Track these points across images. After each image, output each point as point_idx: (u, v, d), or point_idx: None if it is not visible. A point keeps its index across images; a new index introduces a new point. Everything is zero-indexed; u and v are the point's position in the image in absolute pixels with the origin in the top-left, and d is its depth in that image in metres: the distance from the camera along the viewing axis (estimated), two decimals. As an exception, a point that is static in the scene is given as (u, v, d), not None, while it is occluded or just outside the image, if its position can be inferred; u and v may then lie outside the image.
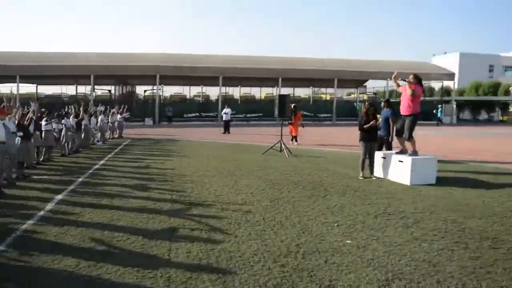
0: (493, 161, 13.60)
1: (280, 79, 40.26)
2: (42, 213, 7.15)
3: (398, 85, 10.16)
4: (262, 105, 46.49)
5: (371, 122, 10.12)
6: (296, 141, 18.78)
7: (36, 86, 43.92)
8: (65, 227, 6.31)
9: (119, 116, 23.08)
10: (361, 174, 10.15)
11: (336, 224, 6.21)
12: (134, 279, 4.51)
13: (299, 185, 9.21)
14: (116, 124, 22.54)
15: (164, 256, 5.10)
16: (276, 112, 15.55)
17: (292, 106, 18.33)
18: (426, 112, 35.37)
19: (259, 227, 6.15)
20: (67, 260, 5.01)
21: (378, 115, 10.72)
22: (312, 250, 5.10)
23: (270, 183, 9.38)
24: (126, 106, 25.60)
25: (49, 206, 7.61)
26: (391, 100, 12.59)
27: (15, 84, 36.20)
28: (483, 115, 55.07)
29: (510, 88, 54.38)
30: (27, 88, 42.11)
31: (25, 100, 15.13)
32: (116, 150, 16.37)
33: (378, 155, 10.39)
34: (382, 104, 11.32)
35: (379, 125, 10.65)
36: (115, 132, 22.59)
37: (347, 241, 5.42)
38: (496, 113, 53.78)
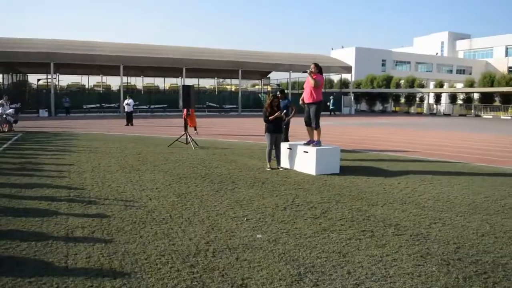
0: (391, 149, 14.49)
1: (184, 69, 39.58)
2: None
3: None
4: (167, 96, 45.46)
5: (276, 114, 10.20)
6: (195, 130, 19.35)
7: None
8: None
9: (8, 107, 21.07)
10: (268, 166, 10.20)
11: (245, 219, 6.10)
12: (25, 293, 4.02)
13: (206, 178, 9.01)
14: (5, 116, 20.56)
15: (61, 264, 4.62)
16: (181, 103, 15.16)
17: None
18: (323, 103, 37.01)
19: (166, 225, 5.85)
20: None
21: None
22: (223, 247, 4.93)
23: (177, 177, 9.05)
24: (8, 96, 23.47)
25: None
26: (293, 92, 12.98)
27: None
28: (378, 106, 59.01)
29: (401, 81, 58.89)
30: None
31: None
32: (5, 145, 14.90)
33: (284, 146, 10.52)
34: (278, 95, 11.55)
35: (284, 116, 10.79)
36: (4, 126, 20.61)
37: (258, 236, 5.33)
38: (389, 104, 57.91)
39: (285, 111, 10.73)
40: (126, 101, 25.04)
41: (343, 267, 4.35)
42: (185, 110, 17.59)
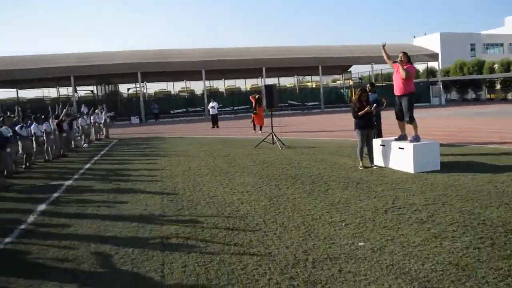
0: (494, 141, 13.20)
1: (264, 69, 39.65)
2: (23, 226, 6.57)
3: (388, 56, 9.79)
4: (248, 97, 45.85)
5: (366, 109, 9.61)
6: (261, 130, 19.25)
7: (17, 91, 42.78)
8: (48, 242, 5.75)
9: (103, 116, 22.33)
10: (360, 164, 9.65)
11: (343, 224, 5.68)
12: (123, 304, 3.96)
13: (297, 179, 8.68)
14: (101, 124, 21.80)
15: (158, 273, 4.54)
16: (264, 103, 14.99)
17: (257, 97, 18.83)
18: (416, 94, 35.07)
19: (260, 231, 5.61)
20: (47, 285, 4.45)
21: None
22: (323, 257, 4.56)
23: (267, 179, 8.83)
24: (105, 106, 24.91)
25: (30, 218, 7.03)
26: (377, 84, 12.33)
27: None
28: (471, 94, 55.01)
29: (495, 66, 54.36)
30: (7, 93, 41.03)
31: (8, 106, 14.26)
32: (102, 152, 15.72)
33: (377, 143, 9.90)
34: (368, 88, 10.91)
35: (374, 111, 10.15)
36: (101, 133, 21.86)
37: (360, 244, 4.90)
38: (483, 91, 53.74)
39: (375, 105, 10.08)
40: (210, 104, 25.53)
41: (464, 283, 3.78)
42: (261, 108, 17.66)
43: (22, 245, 5.77)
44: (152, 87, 50.81)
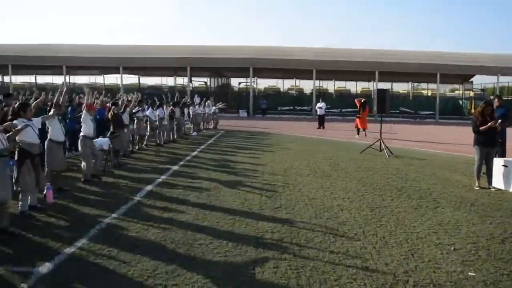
0: None
1: (377, 73, 38.22)
2: (128, 205, 6.96)
3: None
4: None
5: (489, 124, 8.69)
6: (364, 133, 19.11)
7: (138, 77, 46.11)
8: (149, 223, 6.00)
9: (213, 107, 23.17)
10: (477, 184, 8.78)
11: (452, 248, 5.16)
12: (213, 296, 3.95)
13: (403, 192, 8.14)
14: (211, 115, 22.64)
15: (249, 270, 4.49)
16: (375, 108, 14.37)
17: (362, 101, 19.12)
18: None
19: (358, 242, 5.32)
20: (145, 263, 4.63)
21: None
22: (425, 282, 4.16)
23: (370, 188, 8.41)
24: (220, 103, 25.87)
25: (137, 198, 7.43)
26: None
27: (119, 75, 38.15)
28: None
29: None
30: (130, 79, 44.45)
31: (129, 90, 15.47)
32: (209, 142, 16.27)
33: (498, 162, 8.94)
34: (496, 101, 9.84)
35: (499, 127, 9.14)
36: (209, 123, 22.71)
37: (470, 274, 4.39)
38: None
39: (499, 120, 9.06)
40: (318, 104, 25.24)
41: None
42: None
43: (126, 222, 6.09)
44: (262, 83, 51.72)
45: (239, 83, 47.15)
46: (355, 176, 9.56)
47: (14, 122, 6.11)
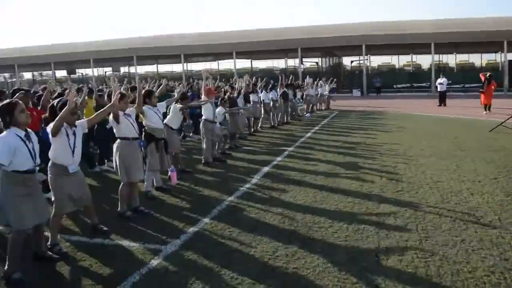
0: None
1: (505, 43, 34.29)
2: (246, 186, 7.09)
3: None
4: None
5: None
6: (489, 110, 17.51)
7: (251, 61, 47.07)
8: (267, 205, 6.05)
9: (327, 87, 22.77)
10: None
11: None
12: (335, 281, 3.82)
13: (545, 175, 7.22)
14: (323, 95, 22.30)
15: (371, 256, 4.29)
16: (506, 82, 12.91)
17: (487, 75, 18.13)
18: None
19: (494, 231, 4.79)
20: (265, 244, 4.66)
21: None
22: None
23: (504, 171, 7.56)
24: (335, 80, 25.32)
25: (254, 179, 7.54)
26: None
27: (232, 60, 39.24)
28: None
29: None
30: (243, 63, 45.55)
31: (242, 74, 15.78)
32: (323, 123, 16.05)
33: None
34: None
35: None
36: (322, 104, 22.41)
37: None
38: None
39: None
40: (439, 80, 23.49)
41: None
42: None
43: (245, 203, 6.20)
44: (376, 60, 49.68)
45: (351, 62, 45.85)
46: (484, 157, 8.68)
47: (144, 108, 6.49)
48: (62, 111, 4.36)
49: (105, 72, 49.86)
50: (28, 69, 50.75)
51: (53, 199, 4.69)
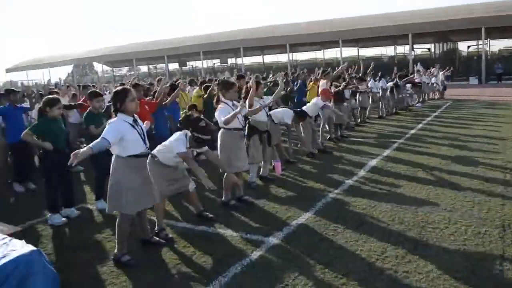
0: None
1: None
2: (353, 179, 6.80)
3: None
4: None
5: None
6: None
7: (357, 49, 45.67)
8: (375, 200, 5.73)
9: (440, 75, 21.22)
10: None
11: None
12: (453, 291, 3.45)
13: None
14: (436, 84, 20.82)
15: (495, 265, 3.81)
16: None
17: None
18: None
19: None
20: (372, 243, 4.39)
21: None
22: None
23: None
24: (450, 67, 23.58)
25: (361, 172, 7.23)
26: None
27: (338, 49, 38.34)
28: None
29: None
30: (349, 52, 44.29)
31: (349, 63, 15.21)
32: (435, 113, 14.95)
33: None
34: None
35: None
36: (435, 93, 20.96)
37: None
38: None
39: None
40: None
41: None
42: None
43: (351, 197, 5.93)
44: (497, 44, 45.42)
45: (468, 47, 42.40)
46: None
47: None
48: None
49: (214, 63, 51.82)
50: (144, 63, 54.49)
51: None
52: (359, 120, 12.93)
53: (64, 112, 7.40)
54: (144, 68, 58.49)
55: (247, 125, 6.63)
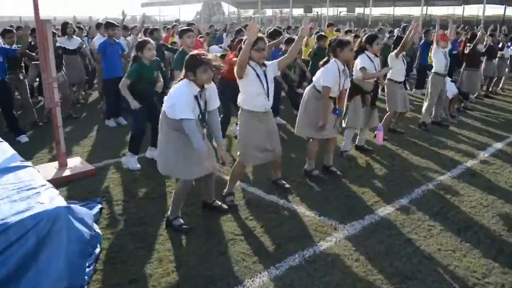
0: None
1: None
2: (468, 164, 5.65)
3: None
4: None
5: None
6: None
7: (505, 8, 39.90)
8: (489, 193, 4.62)
9: None
10: None
11: None
12: None
13: None
14: None
15: None
16: None
17: None
18: None
19: None
20: (474, 259, 3.43)
21: None
22: None
23: None
24: None
25: (483, 156, 6.02)
26: None
27: (481, 6, 33.72)
28: None
29: None
30: (492, 10, 38.84)
31: (490, 24, 12.69)
32: None
33: None
34: None
35: None
36: None
37: None
38: None
39: None
40: None
41: None
42: None
43: (463, 186, 4.90)
44: None
45: None
46: None
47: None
48: (244, 45, 3.87)
49: (339, 12, 49.39)
50: (269, 6, 53.75)
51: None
52: (493, 89, 11.10)
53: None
54: (269, 12, 57.90)
55: (351, 84, 5.72)
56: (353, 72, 5.83)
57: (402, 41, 6.43)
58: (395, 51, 6.49)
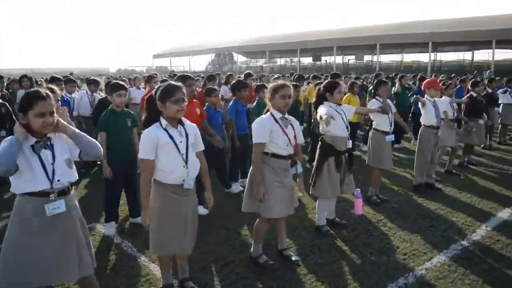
0: None
1: None
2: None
3: None
4: None
5: None
6: None
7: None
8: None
9: None
10: None
11: None
12: None
13: None
14: None
15: None
16: None
17: None
18: None
19: None
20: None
21: None
22: None
23: None
24: None
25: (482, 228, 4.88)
26: None
27: (490, 51, 32.86)
28: None
29: None
30: (505, 55, 37.83)
31: (503, 68, 11.63)
32: None
33: None
34: None
35: None
36: None
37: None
38: None
39: None
40: None
41: None
42: None
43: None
44: None
45: None
46: None
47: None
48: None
49: (348, 60, 49.26)
50: (277, 56, 54.05)
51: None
52: (498, 140, 10.01)
53: None
54: (280, 61, 58.27)
55: (320, 141, 4.76)
56: (320, 128, 4.86)
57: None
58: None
